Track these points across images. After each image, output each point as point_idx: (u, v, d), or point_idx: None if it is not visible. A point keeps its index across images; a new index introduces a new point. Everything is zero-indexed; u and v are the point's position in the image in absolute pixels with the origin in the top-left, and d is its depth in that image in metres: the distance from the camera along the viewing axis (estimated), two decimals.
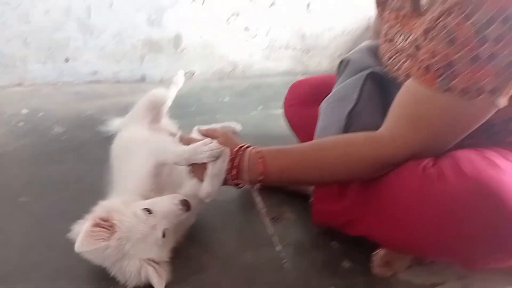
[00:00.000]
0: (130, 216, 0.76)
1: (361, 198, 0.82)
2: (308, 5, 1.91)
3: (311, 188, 1.01)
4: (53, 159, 1.23)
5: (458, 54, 0.64)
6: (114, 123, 1.32)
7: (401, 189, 0.72)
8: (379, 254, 0.84)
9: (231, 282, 0.85)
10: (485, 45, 0.61)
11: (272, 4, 1.88)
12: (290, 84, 1.30)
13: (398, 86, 0.96)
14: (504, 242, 0.67)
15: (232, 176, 0.79)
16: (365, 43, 1.12)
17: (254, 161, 0.78)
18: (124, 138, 1.09)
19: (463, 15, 0.62)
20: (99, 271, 0.79)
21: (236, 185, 0.81)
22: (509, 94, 0.65)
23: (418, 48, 0.74)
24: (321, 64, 2.13)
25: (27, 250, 0.88)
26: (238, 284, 0.85)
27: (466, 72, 0.64)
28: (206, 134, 0.86)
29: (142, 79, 1.89)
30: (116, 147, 1.07)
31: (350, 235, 0.88)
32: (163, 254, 0.80)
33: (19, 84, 1.72)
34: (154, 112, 1.20)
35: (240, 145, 0.81)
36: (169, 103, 1.31)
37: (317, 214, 0.96)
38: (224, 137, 0.83)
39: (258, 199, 1.09)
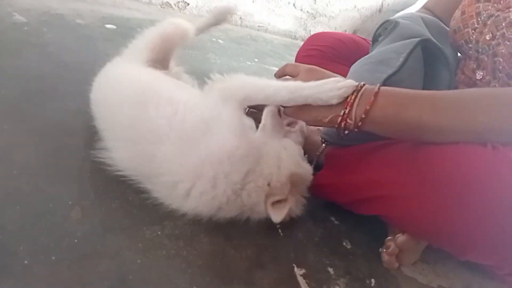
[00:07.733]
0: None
1: (394, 175, 0.69)
2: None
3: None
4: (10, 50, 0.98)
5: None
6: None
7: (467, 169, 0.59)
8: (398, 240, 0.72)
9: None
10: None
11: None
12: (289, 47, 1.15)
13: (447, 63, 0.85)
14: None
15: (344, 112, 0.67)
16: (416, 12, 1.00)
17: (366, 97, 0.66)
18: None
19: None
20: None
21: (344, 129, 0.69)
22: None
23: None
24: None
25: None
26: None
27: None
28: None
29: None
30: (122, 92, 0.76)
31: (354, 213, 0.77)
32: None
33: None
34: (165, 51, 0.93)
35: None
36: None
37: (320, 187, 0.81)
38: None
39: None
